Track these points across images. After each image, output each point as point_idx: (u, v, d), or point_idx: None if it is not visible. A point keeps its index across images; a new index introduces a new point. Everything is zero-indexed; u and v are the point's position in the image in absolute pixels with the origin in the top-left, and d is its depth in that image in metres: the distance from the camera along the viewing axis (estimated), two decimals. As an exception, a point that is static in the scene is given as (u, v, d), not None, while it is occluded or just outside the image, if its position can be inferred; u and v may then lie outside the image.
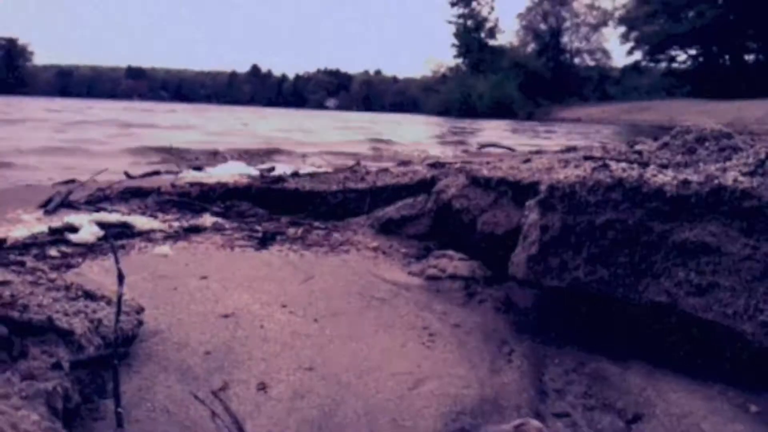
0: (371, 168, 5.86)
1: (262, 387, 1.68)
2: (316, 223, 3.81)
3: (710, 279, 1.80)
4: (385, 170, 5.31)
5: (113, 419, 1.39)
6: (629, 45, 62.87)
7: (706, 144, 2.31)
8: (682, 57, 59.36)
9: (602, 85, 67.91)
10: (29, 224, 3.44)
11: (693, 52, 57.70)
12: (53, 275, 2.02)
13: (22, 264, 2.48)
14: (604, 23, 69.79)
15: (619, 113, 47.98)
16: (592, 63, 72.02)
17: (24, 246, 2.90)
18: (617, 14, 66.00)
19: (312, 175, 5.24)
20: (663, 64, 61.58)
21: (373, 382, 1.77)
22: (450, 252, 2.88)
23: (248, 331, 2.02)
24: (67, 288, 1.79)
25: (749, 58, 53.78)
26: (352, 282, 2.63)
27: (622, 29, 63.64)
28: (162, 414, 1.50)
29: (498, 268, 2.67)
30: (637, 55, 62.95)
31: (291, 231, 3.54)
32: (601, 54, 71.48)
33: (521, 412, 1.71)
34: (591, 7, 70.43)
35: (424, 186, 4.08)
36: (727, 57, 54.94)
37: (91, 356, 1.51)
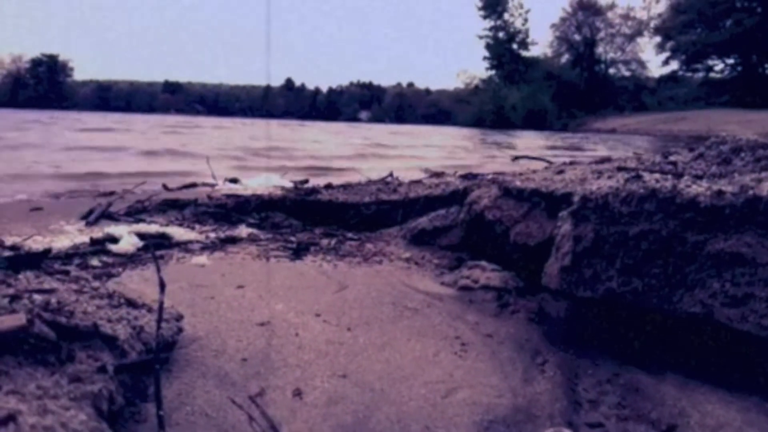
0: (403, 179, 5.90)
1: (298, 393, 1.72)
2: (350, 234, 3.86)
3: (746, 290, 1.79)
4: (418, 182, 5.34)
5: (155, 422, 1.44)
6: (665, 55, 62.30)
7: (742, 154, 2.29)
8: (719, 66, 58.51)
9: (638, 96, 67.12)
10: (71, 235, 3.56)
11: (731, 61, 56.81)
12: (96, 284, 2.09)
13: (67, 273, 2.56)
14: (639, 33, 69.23)
15: (655, 124, 47.35)
16: (627, 73, 71.34)
17: (67, 256, 3.00)
18: (652, 24, 65.50)
19: (345, 187, 5.29)
20: (700, 74, 60.78)
21: (405, 389, 1.79)
22: (483, 263, 2.88)
23: (284, 339, 2.06)
24: (110, 296, 1.85)
25: (790, 66, 52.75)
26: (385, 292, 2.65)
27: (658, 39, 63.11)
28: (201, 417, 1.55)
29: (531, 278, 2.67)
30: (674, 65, 62.35)
31: (325, 242, 3.58)
32: (636, 64, 70.80)
33: (554, 422, 1.71)
34: (626, 17, 69.97)
35: (457, 197, 4.10)
36: (766, 66, 53.89)
37: (133, 361, 1.56)
